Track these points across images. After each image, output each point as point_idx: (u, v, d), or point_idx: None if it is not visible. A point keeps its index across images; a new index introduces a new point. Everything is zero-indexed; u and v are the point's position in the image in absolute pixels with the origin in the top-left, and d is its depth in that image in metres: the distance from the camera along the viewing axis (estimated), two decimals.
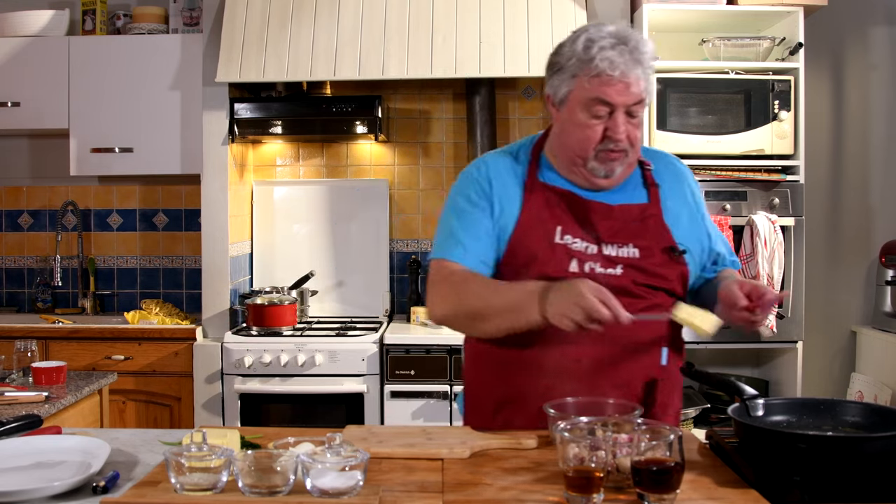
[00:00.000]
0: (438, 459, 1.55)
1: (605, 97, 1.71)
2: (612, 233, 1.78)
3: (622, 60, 1.69)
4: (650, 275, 1.77)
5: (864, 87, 3.97)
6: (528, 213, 1.79)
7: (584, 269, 1.75)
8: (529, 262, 1.76)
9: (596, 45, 1.70)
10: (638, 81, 1.71)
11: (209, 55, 3.64)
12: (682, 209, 1.86)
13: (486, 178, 1.84)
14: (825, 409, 1.59)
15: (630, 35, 1.73)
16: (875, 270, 3.86)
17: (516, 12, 3.53)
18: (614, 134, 1.72)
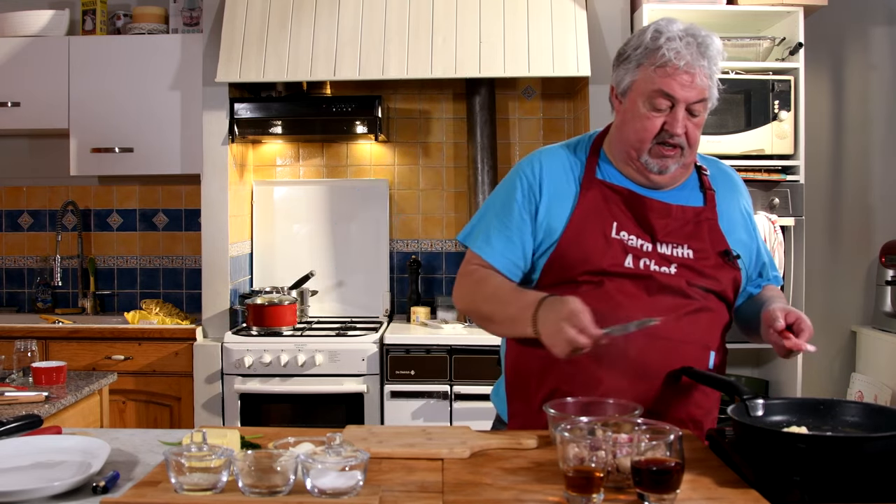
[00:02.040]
0: (438, 459, 1.55)
1: (667, 90, 1.71)
2: (667, 232, 1.78)
3: (688, 52, 1.70)
4: (704, 276, 1.77)
5: (864, 87, 3.97)
6: (582, 210, 1.79)
7: (639, 266, 1.75)
8: (585, 257, 1.75)
9: (664, 35, 1.72)
10: (703, 77, 1.71)
11: (209, 55, 3.64)
12: (735, 216, 1.87)
13: (538, 179, 1.84)
14: (825, 409, 1.59)
15: (699, 31, 1.73)
16: (875, 270, 3.86)
17: (516, 12, 3.53)
18: (672, 128, 1.73)
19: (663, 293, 1.74)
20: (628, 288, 1.74)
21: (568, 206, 1.80)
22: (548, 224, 1.81)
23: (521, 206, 1.83)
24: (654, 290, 1.74)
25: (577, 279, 1.76)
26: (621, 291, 1.74)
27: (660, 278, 1.74)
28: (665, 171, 1.78)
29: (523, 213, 1.83)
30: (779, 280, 1.98)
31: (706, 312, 1.77)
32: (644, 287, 1.74)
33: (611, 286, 1.74)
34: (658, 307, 1.73)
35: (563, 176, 1.84)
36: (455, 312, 3.76)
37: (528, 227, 1.82)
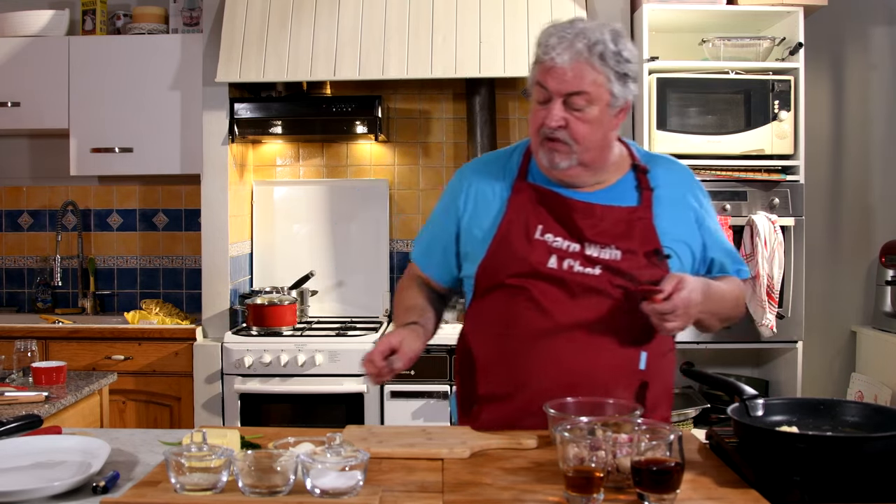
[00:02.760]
0: (438, 459, 1.55)
1: (541, 81, 1.75)
2: (594, 232, 1.78)
3: (560, 44, 1.71)
4: (628, 278, 1.76)
5: (864, 87, 3.97)
6: (510, 213, 1.82)
7: (562, 266, 1.77)
8: (510, 260, 1.79)
9: (547, 32, 1.76)
10: (575, 69, 1.71)
11: (209, 55, 3.64)
12: (677, 214, 1.85)
13: (465, 188, 1.91)
14: (825, 409, 1.59)
15: (587, 28, 1.74)
16: (875, 270, 3.86)
17: (516, 12, 3.53)
18: (545, 120, 1.74)
19: (586, 295, 1.75)
20: (551, 291, 1.76)
21: (497, 212, 1.84)
22: (475, 232, 1.85)
23: (448, 214, 1.92)
24: (577, 292, 1.75)
25: (504, 283, 1.79)
26: (544, 294, 1.76)
27: (582, 280, 1.75)
28: (556, 167, 1.78)
29: (450, 220, 1.91)
30: (742, 273, 1.93)
31: (635, 314, 1.75)
32: (567, 289, 1.76)
33: (534, 290, 1.76)
34: (581, 309, 1.75)
35: (492, 184, 1.88)
36: (455, 312, 3.75)
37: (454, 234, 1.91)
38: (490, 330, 1.82)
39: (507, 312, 1.79)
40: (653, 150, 3.35)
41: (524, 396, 1.75)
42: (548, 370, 1.74)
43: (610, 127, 1.79)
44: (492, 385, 1.80)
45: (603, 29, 1.74)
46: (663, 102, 3.38)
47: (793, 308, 3.40)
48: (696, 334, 3.39)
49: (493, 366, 1.81)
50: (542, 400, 1.68)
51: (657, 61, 3.42)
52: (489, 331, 1.83)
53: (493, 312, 1.82)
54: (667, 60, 3.46)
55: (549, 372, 1.74)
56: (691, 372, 1.79)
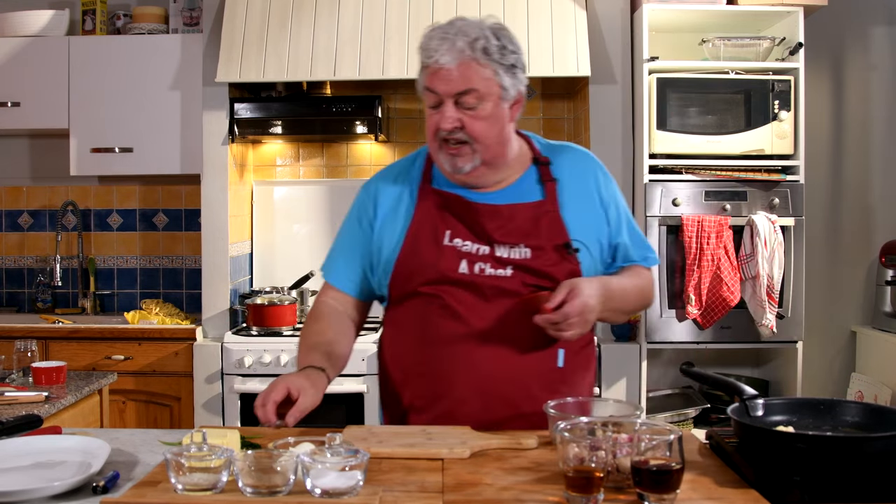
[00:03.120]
0: (438, 459, 1.55)
1: (428, 85, 1.73)
2: (502, 233, 1.77)
3: (441, 46, 1.70)
4: (539, 275, 1.76)
5: (864, 87, 3.97)
6: (417, 221, 1.81)
7: (473, 270, 1.76)
8: (420, 268, 1.78)
9: (427, 35, 1.73)
10: (461, 68, 1.69)
11: (209, 55, 3.64)
12: (582, 203, 1.83)
13: (373, 199, 1.88)
14: (825, 409, 1.59)
15: (459, 23, 1.73)
16: (875, 270, 3.86)
17: (516, 12, 3.53)
18: (439, 123, 1.73)
19: (500, 297, 1.75)
20: (464, 296, 1.75)
21: (404, 222, 1.82)
22: (385, 240, 1.83)
23: (357, 227, 1.90)
24: (489, 295, 1.75)
25: (417, 291, 1.78)
26: (457, 300, 1.75)
27: (494, 282, 1.74)
28: (459, 171, 1.77)
29: (360, 232, 1.88)
30: (650, 261, 1.91)
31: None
32: (479, 293, 1.75)
33: (447, 296, 1.76)
34: (495, 312, 1.74)
35: (398, 193, 1.86)
36: None
37: (366, 245, 1.87)
38: (407, 338, 1.81)
39: (423, 320, 1.78)
40: (653, 151, 3.39)
41: (445, 404, 1.75)
42: (467, 376, 1.74)
43: (506, 120, 1.77)
44: (413, 394, 1.80)
45: (482, 24, 1.74)
46: (663, 102, 3.38)
47: (793, 308, 3.40)
48: (695, 334, 3.39)
49: (413, 375, 1.79)
50: (464, 407, 1.71)
51: (657, 61, 3.42)
52: (406, 339, 1.82)
53: (409, 321, 1.81)
54: (667, 60, 3.46)
55: (469, 378, 1.74)
56: (691, 372, 1.79)
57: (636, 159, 3.50)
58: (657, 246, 3.38)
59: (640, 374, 3.43)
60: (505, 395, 1.72)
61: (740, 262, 3.34)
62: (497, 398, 1.72)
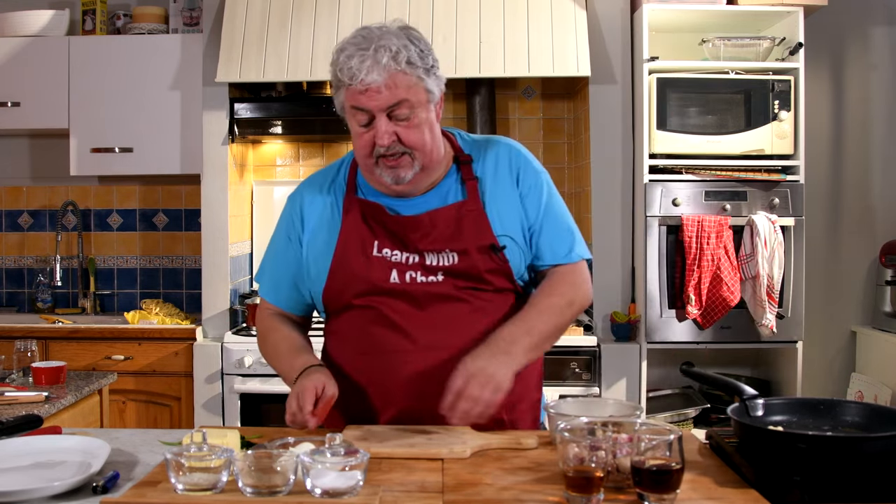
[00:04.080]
0: (438, 459, 1.55)
1: (356, 104, 1.68)
2: (427, 242, 1.75)
3: (362, 64, 1.65)
4: (470, 278, 1.74)
5: (864, 87, 3.97)
6: (345, 233, 1.78)
7: (405, 279, 1.74)
8: (351, 281, 1.76)
9: (343, 54, 1.68)
10: (389, 84, 1.65)
11: (209, 55, 3.64)
12: (504, 197, 1.80)
13: (299, 213, 1.86)
14: (825, 409, 1.59)
15: (373, 35, 1.68)
16: (875, 270, 3.86)
17: (516, 12, 3.53)
18: (377, 140, 1.68)
19: (434, 303, 1.73)
20: (399, 306, 1.74)
21: (333, 233, 1.80)
22: (314, 255, 1.81)
23: (288, 240, 1.87)
24: (423, 302, 1.73)
25: (351, 303, 1.77)
26: (393, 310, 1.74)
27: (427, 289, 1.73)
28: (402, 181, 1.73)
29: (290, 246, 1.86)
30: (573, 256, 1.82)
31: (485, 311, 1.75)
32: (414, 301, 1.74)
33: (382, 307, 1.74)
34: (432, 318, 1.73)
35: (324, 203, 1.83)
36: None
37: (296, 261, 1.85)
38: (348, 351, 1.80)
39: (361, 332, 1.77)
40: (653, 151, 3.39)
41: (389, 414, 1.74)
42: (409, 385, 1.72)
43: (435, 122, 1.76)
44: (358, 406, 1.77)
45: (396, 32, 1.72)
46: (663, 102, 3.38)
47: (793, 308, 3.40)
48: (695, 334, 3.39)
49: (356, 386, 1.77)
50: (408, 415, 1.70)
51: (657, 61, 3.42)
52: (348, 351, 1.80)
53: (349, 332, 1.80)
54: (667, 60, 3.46)
55: (411, 387, 1.72)
56: (691, 372, 1.79)
57: (636, 159, 3.50)
58: (657, 246, 3.38)
59: (640, 374, 3.43)
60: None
61: (740, 262, 3.34)
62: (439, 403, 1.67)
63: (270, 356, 1.89)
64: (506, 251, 1.76)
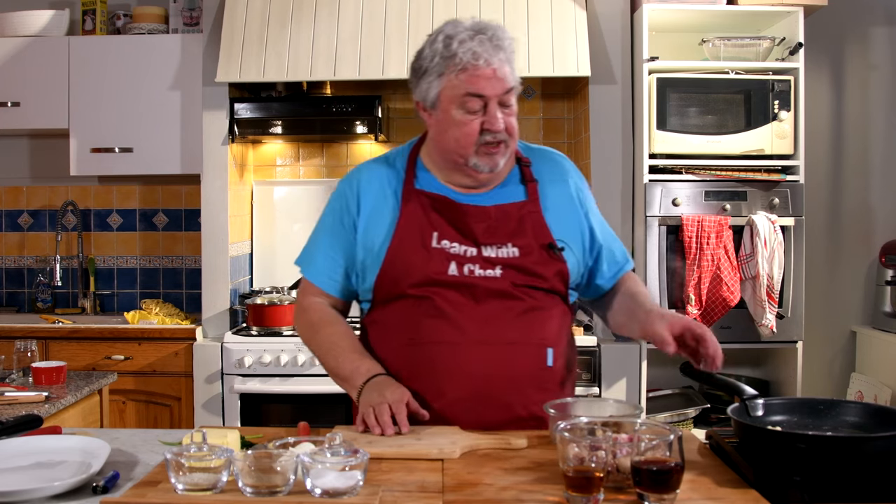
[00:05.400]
0: (439, 460, 1.55)
1: (475, 90, 1.71)
2: (489, 234, 1.78)
3: (483, 49, 1.70)
4: (528, 274, 1.77)
5: (864, 87, 3.97)
6: (403, 223, 1.80)
7: (463, 272, 1.76)
8: (408, 270, 1.77)
9: (455, 39, 1.72)
10: (503, 69, 1.71)
11: (209, 55, 3.64)
12: (562, 204, 1.85)
13: (355, 194, 1.86)
14: (825, 409, 1.59)
15: (487, 25, 1.75)
16: (875, 270, 3.86)
17: (516, 12, 3.53)
18: (492, 126, 1.73)
19: (490, 298, 1.75)
20: (454, 297, 1.75)
21: (390, 220, 1.81)
22: (369, 241, 1.82)
23: (340, 225, 1.87)
24: (480, 296, 1.75)
25: (405, 293, 1.78)
26: (448, 302, 1.75)
27: (485, 283, 1.75)
28: (495, 168, 1.78)
29: (344, 230, 1.86)
30: (629, 262, 1.95)
31: (536, 311, 1.78)
32: (470, 294, 1.75)
33: (437, 298, 1.75)
34: (486, 313, 1.75)
35: (381, 191, 1.85)
36: None
37: (349, 246, 1.85)
38: (395, 341, 1.80)
39: (412, 322, 1.77)
40: (653, 151, 3.39)
41: (438, 406, 1.74)
42: (459, 378, 1.74)
43: None
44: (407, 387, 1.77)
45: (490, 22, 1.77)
46: (663, 102, 3.38)
47: (793, 308, 3.40)
48: None
49: (401, 377, 1.77)
50: (457, 408, 1.71)
51: (657, 61, 3.42)
52: (394, 342, 1.81)
53: (396, 323, 1.80)
54: (667, 60, 3.45)
55: (461, 379, 1.74)
56: (691, 372, 1.79)
57: (636, 159, 3.50)
58: (657, 246, 3.38)
59: (640, 374, 3.43)
60: (497, 395, 1.72)
61: (740, 262, 3.34)
62: (489, 399, 1.71)
63: (324, 349, 1.87)
64: (563, 252, 1.80)
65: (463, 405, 1.72)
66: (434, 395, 1.75)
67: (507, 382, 1.74)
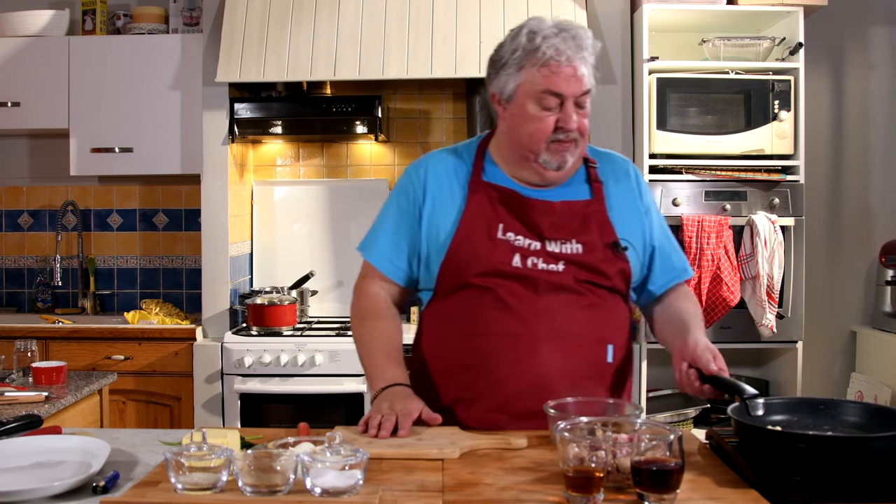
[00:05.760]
0: (439, 459, 1.55)
1: (554, 88, 1.72)
2: (554, 229, 1.79)
3: (567, 47, 1.71)
4: (591, 271, 1.78)
5: (864, 87, 3.97)
6: (469, 213, 1.81)
7: (527, 265, 1.77)
8: (473, 260, 1.78)
9: (539, 34, 1.72)
10: (583, 69, 1.72)
11: (209, 55, 3.64)
12: (626, 206, 1.87)
13: (422, 182, 1.87)
14: (826, 409, 1.59)
15: (571, 24, 1.75)
16: (875, 270, 3.86)
17: (516, 12, 3.53)
18: (566, 124, 1.74)
19: (552, 292, 1.76)
20: (517, 289, 1.76)
21: (454, 211, 1.82)
22: (434, 229, 1.83)
23: (406, 211, 1.88)
24: (542, 289, 1.76)
25: (469, 282, 1.78)
26: (510, 293, 1.76)
27: (547, 277, 1.76)
28: (564, 166, 1.79)
29: (409, 217, 1.87)
30: (687, 272, 1.95)
31: (597, 307, 1.79)
32: (532, 287, 1.76)
33: (500, 290, 1.76)
34: (548, 306, 1.75)
35: (448, 180, 1.86)
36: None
37: (413, 232, 1.86)
38: (455, 332, 1.81)
39: (474, 313, 1.78)
40: (653, 151, 3.39)
41: (497, 397, 1.75)
42: (519, 370, 1.74)
43: None
44: (461, 387, 1.79)
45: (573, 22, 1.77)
46: (663, 102, 3.38)
47: (793, 308, 3.40)
48: None
49: (460, 368, 1.79)
50: (515, 400, 1.71)
51: (657, 61, 3.42)
52: (454, 332, 1.81)
53: (458, 313, 1.81)
54: (667, 60, 3.46)
55: (521, 371, 1.74)
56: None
57: (636, 159, 3.50)
58: None
59: (640, 374, 3.43)
60: (555, 389, 1.71)
61: (740, 262, 3.34)
62: (547, 392, 1.70)
63: (361, 342, 1.89)
64: (626, 252, 1.82)
65: (520, 398, 1.71)
66: (491, 387, 1.75)
67: (566, 377, 1.74)
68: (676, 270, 1.93)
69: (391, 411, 1.67)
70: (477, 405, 1.77)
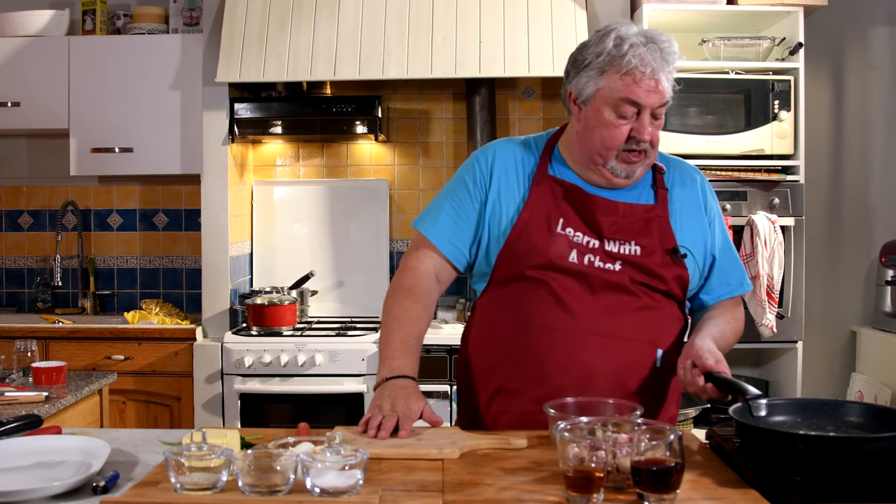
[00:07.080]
0: (439, 459, 1.55)
1: (634, 97, 1.71)
2: (614, 229, 1.78)
3: (652, 58, 1.70)
4: (648, 274, 1.77)
5: (864, 87, 3.97)
6: (531, 204, 1.81)
7: (583, 261, 1.76)
8: (531, 251, 1.78)
9: (627, 42, 1.72)
10: (665, 82, 1.72)
11: (209, 55, 3.64)
12: (689, 214, 1.87)
13: (489, 167, 1.87)
14: (827, 409, 1.59)
15: (660, 35, 1.74)
16: (875, 270, 3.86)
17: (516, 12, 3.53)
18: (640, 135, 1.74)
19: (606, 290, 1.76)
20: (571, 285, 1.76)
21: (518, 200, 1.82)
22: (497, 215, 1.83)
23: (471, 194, 1.87)
24: (597, 287, 1.76)
25: (524, 274, 1.78)
26: (564, 288, 1.76)
27: (603, 275, 1.76)
28: (632, 176, 1.80)
29: (473, 200, 1.86)
30: (744, 287, 1.95)
31: (651, 310, 1.78)
32: (587, 284, 1.76)
33: (554, 284, 1.76)
34: (601, 304, 1.75)
35: (515, 170, 1.86)
36: (455, 312, 3.76)
37: (476, 215, 1.85)
38: (507, 322, 1.81)
39: (526, 304, 1.78)
40: None
41: (542, 390, 1.73)
42: (567, 365, 1.74)
43: None
44: (506, 377, 1.79)
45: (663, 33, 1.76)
46: None
47: (793, 308, 3.40)
48: None
49: (507, 358, 1.79)
50: (558, 395, 1.68)
51: None
52: (504, 322, 1.81)
53: (510, 304, 1.80)
54: None
55: (569, 366, 1.73)
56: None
57: None
58: None
59: None
60: (601, 388, 1.71)
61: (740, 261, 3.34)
62: (592, 391, 1.70)
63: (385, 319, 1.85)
64: (686, 259, 1.81)
65: (563, 393, 1.70)
66: (537, 380, 1.75)
67: (613, 376, 1.74)
68: (732, 284, 1.92)
69: (392, 412, 1.67)
70: (521, 397, 1.77)
